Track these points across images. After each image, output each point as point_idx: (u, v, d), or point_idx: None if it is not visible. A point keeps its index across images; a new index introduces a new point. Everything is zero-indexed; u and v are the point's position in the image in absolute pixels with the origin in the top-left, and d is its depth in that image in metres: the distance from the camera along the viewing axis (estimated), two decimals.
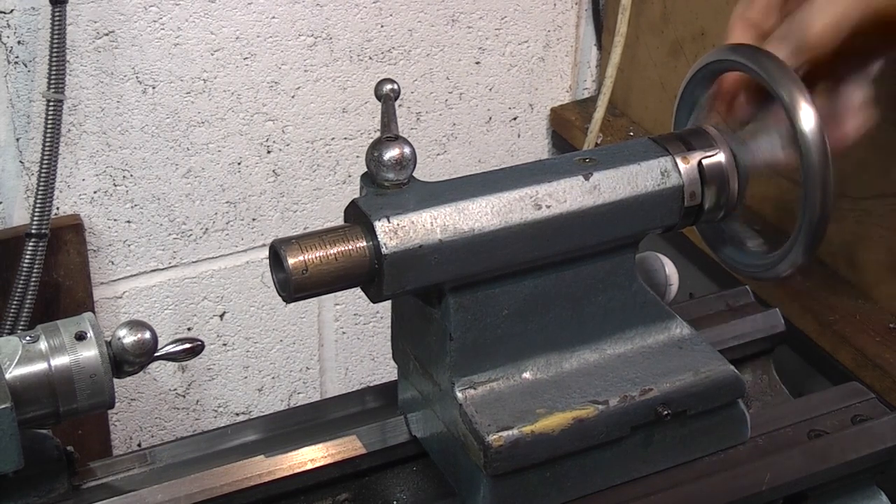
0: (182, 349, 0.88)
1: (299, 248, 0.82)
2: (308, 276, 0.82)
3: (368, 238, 0.83)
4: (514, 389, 0.91)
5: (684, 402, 0.92)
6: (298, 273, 0.82)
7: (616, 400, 0.90)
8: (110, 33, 1.48)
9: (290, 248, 0.82)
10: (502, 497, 0.88)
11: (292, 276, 0.82)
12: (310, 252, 0.82)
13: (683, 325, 0.97)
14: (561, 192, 0.88)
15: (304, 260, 0.82)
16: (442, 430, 0.93)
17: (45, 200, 1.44)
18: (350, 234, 0.84)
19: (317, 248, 0.82)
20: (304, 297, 0.84)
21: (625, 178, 0.90)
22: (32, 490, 0.89)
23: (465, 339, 0.89)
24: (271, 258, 0.85)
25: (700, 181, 0.92)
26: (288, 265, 0.82)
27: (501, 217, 0.86)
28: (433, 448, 0.96)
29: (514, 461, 0.87)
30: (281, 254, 0.82)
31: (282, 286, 0.84)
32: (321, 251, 0.82)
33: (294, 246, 0.82)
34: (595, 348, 0.94)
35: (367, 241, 0.83)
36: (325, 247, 0.82)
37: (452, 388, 0.89)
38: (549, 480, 0.90)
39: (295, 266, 0.82)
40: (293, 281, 0.82)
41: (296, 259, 0.82)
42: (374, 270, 0.83)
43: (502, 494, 0.88)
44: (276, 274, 0.85)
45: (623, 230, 0.91)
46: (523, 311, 0.91)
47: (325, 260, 0.82)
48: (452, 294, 0.88)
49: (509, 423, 0.87)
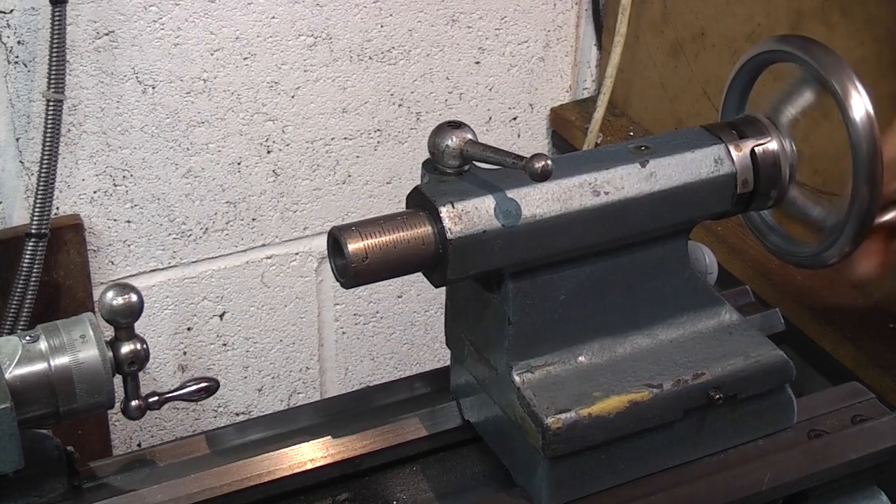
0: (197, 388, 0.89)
1: (359, 234, 0.83)
2: (368, 264, 0.82)
3: (433, 223, 0.84)
4: (570, 373, 0.92)
5: (735, 385, 0.93)
6: (358, 260, 0.82)
7: (670, 384, 0.92)
8: (110, 33, 1.48)
9: (351, 234, 0.82)
10: (559, 479, 0.90)
11: (351, 264, 0.82)
12: (370, 238, 0.83)
13: (733, 311, 0.99)
14: (618, 178, 0.90)
15: (363, 247, 0.82)
16: (498, 413, 0.94)
17: (45, 200, 1.44)
18: (413, 220, 0.84)
19: (378, 234, 0.83)
20: (363, 284, 0.84)
21: (680, 166, 0.92)
22: (32, 490, 0.89)
23: (523, 324, 0.91)
24: (330, 245, 0.85)
25: (752, 169, 0.94)
26: (348, 252, 0.82)
27: (562, 203, 0.87)
28: (488, 432, 0.97)
29: (571, 443, 0.88)
30: (341, 241, 0.82)
31: (340, 273, 0.85)
32: (382, 237, 0.83)
33: (354, 233, 0.83)
34: (648, 333, 0.96)
35: (431, 226, 0.84)
36: (387, 233, 0.83)
37: (510, 372, 0.91)
38: (604, 463, 0.91)
39: (355, 253, 0.82)
40: (352, 269, 0.82)
41: (356, 246, 0.82)
42: (439, 256, 0.84)
43: (559, 476, 0.90)
44: (334, 261, 0.85)
45: (677, 217, 0.93)
46: (580, 297, 0.92)
47: (386, 246, 0.83)
48: (512, 279, 0.89)
49: (567, 406, 0.89)
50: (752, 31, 1.48)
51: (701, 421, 0.94)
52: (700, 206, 0.94)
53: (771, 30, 1.44)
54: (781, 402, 0.98)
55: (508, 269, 0.89)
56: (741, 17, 1.50)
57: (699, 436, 0.95)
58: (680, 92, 1.65)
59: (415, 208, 0.86)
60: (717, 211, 0.95)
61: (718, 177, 0.93)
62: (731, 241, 1.45)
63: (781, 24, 1.43)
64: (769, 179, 0.95)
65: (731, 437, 0.97)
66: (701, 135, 0.95)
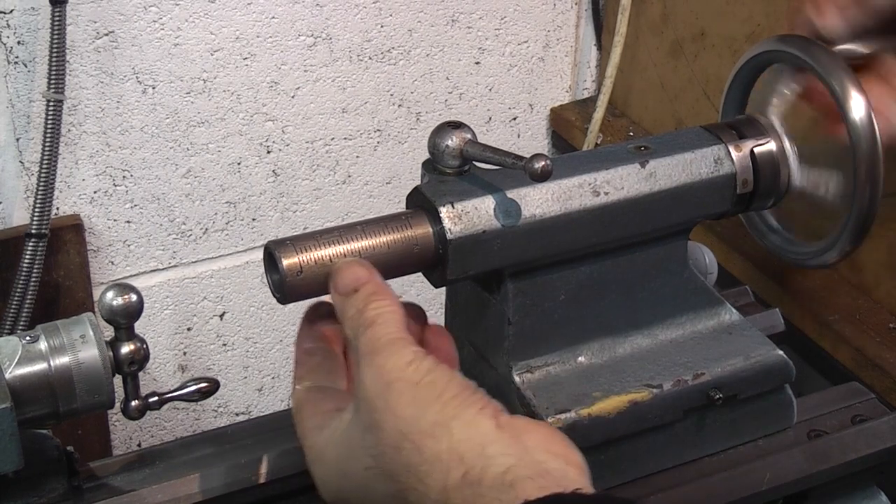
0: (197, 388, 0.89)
1: (294, 249, 0.81)
2: (303, 278, 0.81)
3: (433, 223, 0.84)
4: (570, 373, 0.92)
5: (735, 386, 0.93)
6: (293, 275, 0.81)
7: (670, 384, 0.92)
8: (110, 33, 1.48)
9: (285, 249, 0.80)
10: None
11: (286, 279, 0.81)
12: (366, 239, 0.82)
13: (732, 311, 0.99)
14: (618, 179, 0.89)
15: (298, 261, 0.80)
16: None
17: (45, 200, 1.44)
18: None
19: (377, 234, 0.83)
20: (301, 299, 0.83)
21: (680, 166, 0.91)
22: (32, 490, 0.89)
23: (523, 324, 0.91)
24: (265, 260, 0.84)
25: (752, 169, 0.94)
26: (282, 267, 0.80)
27: (561, 203, 0.87)
28: None
29: None
30: (275, 255, 0.81)
31: (276, 288, 0.84)
32: (382, 237, 0.83)
33: (289, 247, 0.81)
34: (648, 333, 0.96)
35: (431, 226, 0.84)
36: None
37: (510, 372, 0.91)
38: (604, 463, 0.91)
39: (290, 267, 0.80)
40: (287, 283, 0.81)
41: (290, 261, 0.80)
42: (439, 256, 0.84)
43: None
44: (270, 276, 0.84)
45: (677, 217, 0.93)
46: (579, 297, 0.92)
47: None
48: (512, 279, 0.89)
49: (567, 406, 0.89)
50: (752, 31, 1.48)
51: (701, 421, 0.94)
52: (700, 206, 0.94)
53: (771, 30, 1.44)
54: (781, 402, 0.98)
55: (508, 269, 0.89)
56: (741, 17, 1.50)
57: (699, 436, 0.95)
58: (680, 92, 1.65)
59: (415, 208, 0.86)
60: (716, 211, 0.95)
61: (718, 177, 0.93)
62: (731, 241, 1.45)
63: (781, 24, 1.43)
64: (769, 179, 0.95)
65: (731, 437, 0.97)
66: (701, 135, 0.95)
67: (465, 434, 0.71)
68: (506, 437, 0.71)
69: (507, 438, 0.71)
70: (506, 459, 0.70)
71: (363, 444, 0.74)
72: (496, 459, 0.70)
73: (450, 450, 0.70)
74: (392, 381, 0.73)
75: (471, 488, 0.69)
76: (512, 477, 0.69)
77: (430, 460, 0.70)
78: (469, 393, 0.74)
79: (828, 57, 0.93)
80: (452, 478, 0.69)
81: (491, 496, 0.68)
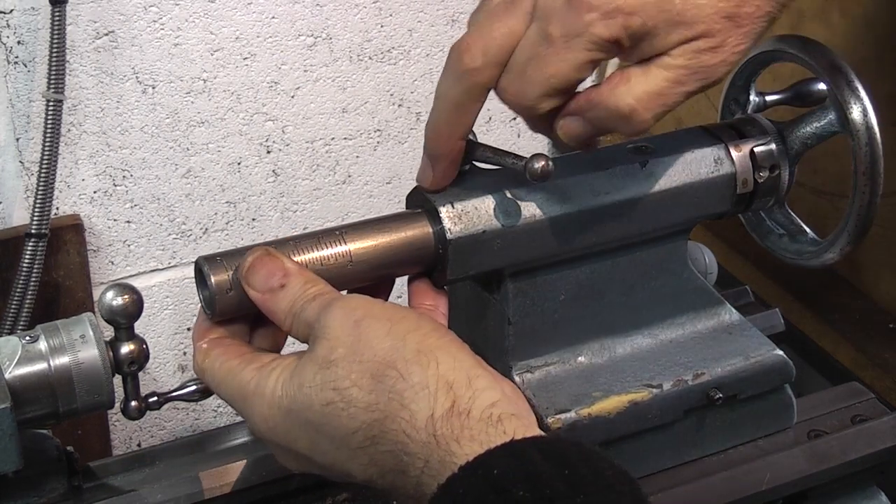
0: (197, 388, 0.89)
1: (224, 266, 0.82)
2: (231, 296, 0.82)
3: (433, 223, 0.84)
4: (570, 373, 0.92)
5: (735, 386, 0.93)
6: (223, 292, 0.82)
7: (670, 384, 0.92)
8: (110, 33, 1.48)
9: (215, 266, 0.82)
10: None
11: (215, 295, 0.82)
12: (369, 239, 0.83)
13: (732, 311, 0.99)
14: (618, 179, 0.90)
15: (227, 278, 0.82)
16: None
17: (44, 200, 1.44)
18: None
19: (378, 234, 0.83)
20: (233, 315, 0.83)
21: (679, 166, 0.91)
22: (32, 490, 0.89)
23: (523, 324, 0.91)
24: (196, 275, 0.86)
25: (752, 169, 0.94)
26: (212, 284, 0.81)
27: (561, 203, 0.87)
28: None
29: None
30: (205, 272, 0.82)
31: (207, 304, 0.85)
32: (382, 238, 0.83)
33: (219, 264, 0.83)
34: (648, 333, 0.96)
35: (431, 226, 0.84)
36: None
37: (510, 372, 0.91)
38: None
39: (219, 284, 0.82)
40: (216, 300, 0.82)
41: (220, 277, 0.82)
42: (439, 256, 0.85)
43: None
44: (200, 291, 0.86)
45: (677, 217, 0.93)
46: (579, 297, 0.92)
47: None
48: (512, 279, 0.89)
49: (567, 406, 0.89)
50: None
51: (701, 421, 0.94)
52: (700, 207, 0.93)
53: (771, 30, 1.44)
54: (781, 402, 0.98)
55: (508, 269, 0.89)
56: None
57: (699, 436, 0.95)
58: None
59: (415, 208, 0.87)
60: (716, 211, 0.95)
61: (718, 177, 0.93)
62: (731, 241, 1.45)
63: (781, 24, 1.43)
64: (769, 180, 0.95)
65: (731, 438, 0.97)
66: (700, 135, 0.95)
67: (451, 364, 0.71)
68: (488, 373, 0.72)
69: (490, 375, 0.72)
70: (492, 394, 0.70)
71: (321, 379, 0.73)
72: (484, 392, 0.70)
73: (438, 377, 0.70)
74: (361, 318, 0.73)
75: (458, 419, 0.69)
76: (499, 412, 0.69)
77: (416, 387, 0.70)
78: (445, 330, 0.75)
79: (828, 56, 0.93)
80: (440, 407, 0.69)
81: (478, 429, 0.68)
